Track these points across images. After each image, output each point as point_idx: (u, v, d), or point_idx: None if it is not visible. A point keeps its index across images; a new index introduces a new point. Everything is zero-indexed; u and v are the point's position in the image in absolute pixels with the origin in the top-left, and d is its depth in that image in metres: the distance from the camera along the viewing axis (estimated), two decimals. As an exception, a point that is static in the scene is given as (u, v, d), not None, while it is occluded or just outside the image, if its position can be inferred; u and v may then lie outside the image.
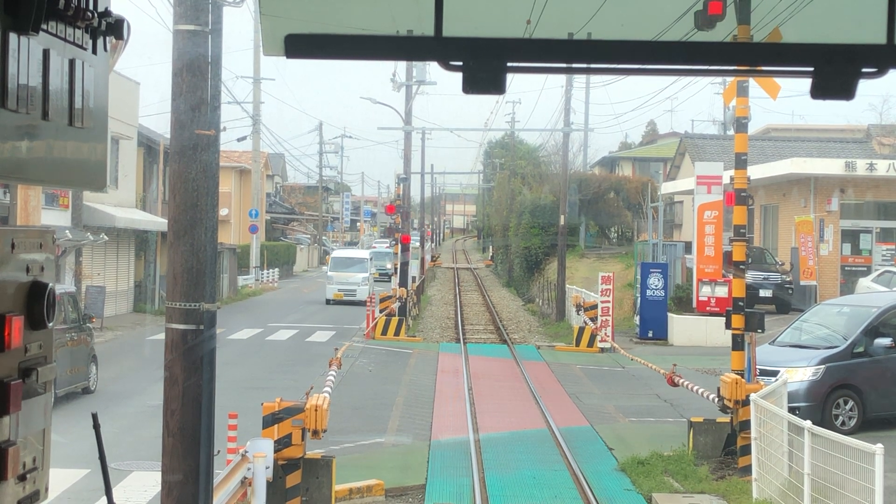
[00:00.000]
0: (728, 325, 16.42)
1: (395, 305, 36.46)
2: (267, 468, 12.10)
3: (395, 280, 39.60)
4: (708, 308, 34.04)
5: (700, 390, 17.03)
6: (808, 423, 12.17)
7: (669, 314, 34.47)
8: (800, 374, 19.11)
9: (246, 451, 12.10)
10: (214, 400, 7.83)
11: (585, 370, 28.45)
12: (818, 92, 2.00)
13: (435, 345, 34.17)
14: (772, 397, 14.71)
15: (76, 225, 36.35)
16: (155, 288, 44.32)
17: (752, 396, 13.96)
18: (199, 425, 7.47)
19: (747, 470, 14.89)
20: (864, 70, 2.01)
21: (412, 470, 16.37)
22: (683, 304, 35.66)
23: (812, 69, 2.01)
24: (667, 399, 22.98)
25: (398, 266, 39.77)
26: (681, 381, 18.32)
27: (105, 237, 36.94)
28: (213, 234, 7.58)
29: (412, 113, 42.77)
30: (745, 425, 15.18)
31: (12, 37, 2.01)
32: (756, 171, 42.35)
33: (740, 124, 16.56)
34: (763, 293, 37.80)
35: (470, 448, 17.66)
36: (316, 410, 12.67)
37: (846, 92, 1.99)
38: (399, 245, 39.72)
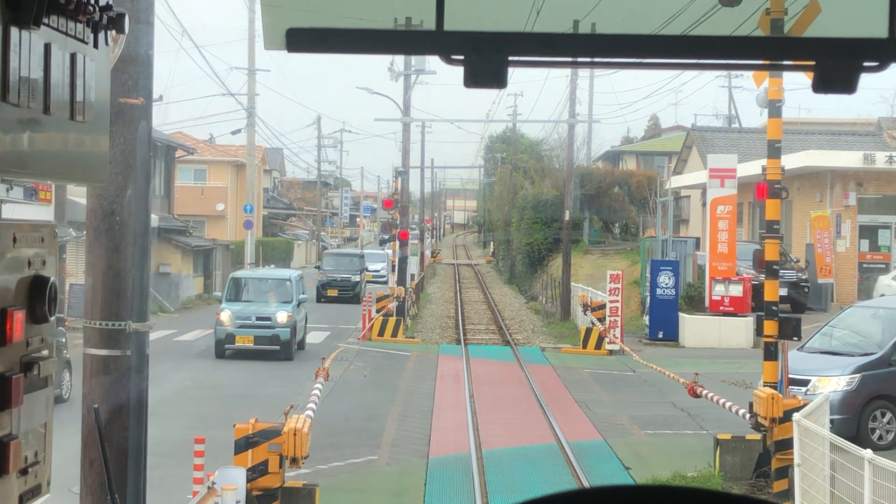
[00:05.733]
0: (759, 332, 14.75)
1: (393, 305, 34.76)
2: (238, 502, 10.44)
3: (393, 278, 37.88)
4: (721, 308, 32.34)
5: (728, 404, 15.32)
6: (868, 453, 10.48)
7: (680, 314, 32.81)
8: (833, 383, 17.48)
9: (214, 483, 10.44)
10: (145, 450, 6.01)
11: (594, 374, 26.78)
12: (820, 86, 1.97)
13: (434, 346, 32.49)
14: (812, 415, 13.03)
15: (59, 220, 34.85)
16: (144, 286, 42.71)
17: (796, 417, 12.26)
18: (127, 482, 5.77)
19: (784, 496, 13.25)
20: (865, 64, 1.99)
21: (408, 494, 14.71)
22: (695, 303, 33.96)
23: (814, 63, 1.99)
24: (683, 408, 21.30)
25: (396, 263, 38.06)
26: (703, 392, 16.62)
27: (89, 233, 35.36)
28: (145, 231, 5.87)
29: (411, 104, 41.12)
30: (782, 445, 13.54)
31: (14, 31, 2.02)
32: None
33: (773, 108, 14.85)
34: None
35: (472, 466, 15.98)
36: (295, 435, 10.98)
37: (848, 86, 1.97)
38: (397, 241, 38.01)
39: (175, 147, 49.87)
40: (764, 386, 14.46)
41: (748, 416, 14.15)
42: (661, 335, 32.70)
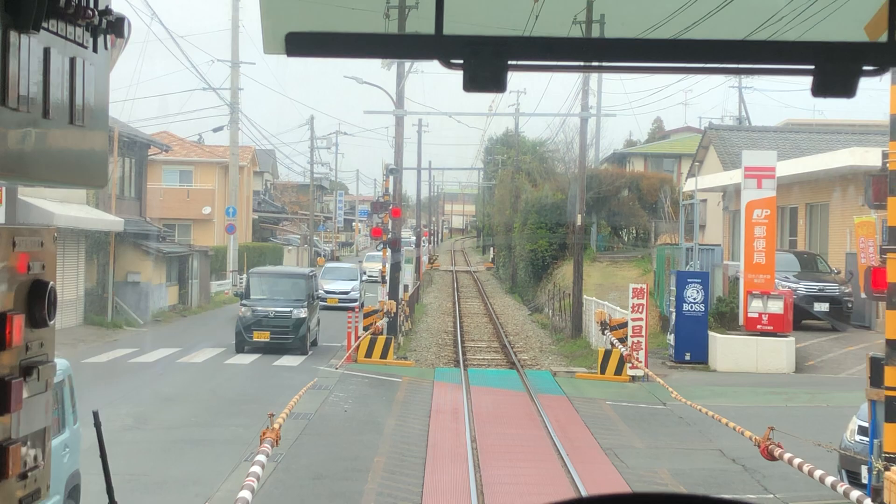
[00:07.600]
0: (878, 382, 10.60)
1: (383, 322, 30.55)
2: None
3: (384, 290, 33.69)
4: (759, 326, 28.20)
5: (829, 480, 11.15)
6: None
7: (711, 333, 28.70)
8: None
9: None
10: None
11: (618, 408, 22.62)
12: (819, 90, 1.96)
13: (429, 370, 28.31)
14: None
15: (9, 223, 30.71)
16: (109, 296, 38.54)
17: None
18: None
19: None
20: (865, 68, 1.97)
21: None
22: (727, 320, 29.81)
23: (813, 67, 1.97)
24: (735, 458, 17.21)
25: (387, 274, 33.84)
26: (782, 454, 12.47)
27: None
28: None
29: (405, 96, 37.00)
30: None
31: (13, 35, 2.02)
32: (801, 165, 36.61)
33: (898, 71, 10.77)
34: (818, 307, 32.07)
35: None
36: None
37: (847, 90, 1.96)
38: (388, 249, 33.81)
39: (147, 144, 45.67)
40: (885, 458, 10.34)
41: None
42: (688, 357, 28.64)
